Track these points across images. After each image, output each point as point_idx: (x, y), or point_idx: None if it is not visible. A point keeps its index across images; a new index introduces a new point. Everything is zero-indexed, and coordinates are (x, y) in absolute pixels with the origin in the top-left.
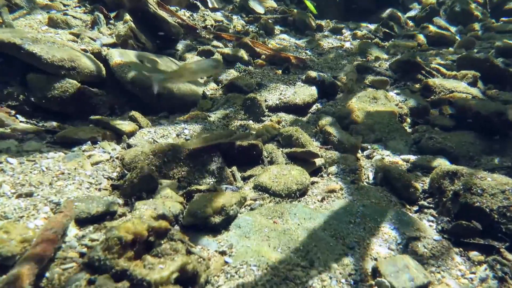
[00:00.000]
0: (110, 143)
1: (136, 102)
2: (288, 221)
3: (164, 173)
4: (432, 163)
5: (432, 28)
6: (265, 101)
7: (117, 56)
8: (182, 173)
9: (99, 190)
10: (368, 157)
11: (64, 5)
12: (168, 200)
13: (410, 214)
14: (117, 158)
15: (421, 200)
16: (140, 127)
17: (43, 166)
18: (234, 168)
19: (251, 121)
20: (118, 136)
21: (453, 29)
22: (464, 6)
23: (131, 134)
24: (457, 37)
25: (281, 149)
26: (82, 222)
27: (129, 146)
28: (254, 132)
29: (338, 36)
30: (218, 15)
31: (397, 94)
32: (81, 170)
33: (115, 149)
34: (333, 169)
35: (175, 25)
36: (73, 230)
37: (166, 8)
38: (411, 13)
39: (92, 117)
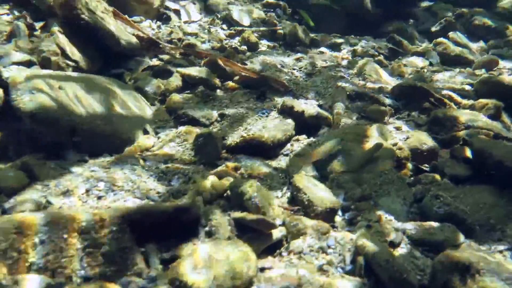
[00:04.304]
0: None
1: (44, 141)
2: None
3: (32, 262)
4: (437, 237)
5: (447, 44)
6: (224, 138)
7: (21, 79)
8: (62, 260)
9: None
10: (351, 222)
11: None
12: None
13: None
14: None
15: None
16: (34, 179)
17: None
18: (150, 247)
19: (202, 166)
20: None
21: (473, 45)
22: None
23: (16, 191)
24: (472, 56)
25: (229, 213)
26: None
27: (4, 211)
28: (192, 188)
29: (334, 53)
30: (194, 28)
31: (397, 129)
32: None
33: None
34: (297, 244)
35: (127, 39)
36: None
37: (122, 18)
38: (424, 27)
39: None
